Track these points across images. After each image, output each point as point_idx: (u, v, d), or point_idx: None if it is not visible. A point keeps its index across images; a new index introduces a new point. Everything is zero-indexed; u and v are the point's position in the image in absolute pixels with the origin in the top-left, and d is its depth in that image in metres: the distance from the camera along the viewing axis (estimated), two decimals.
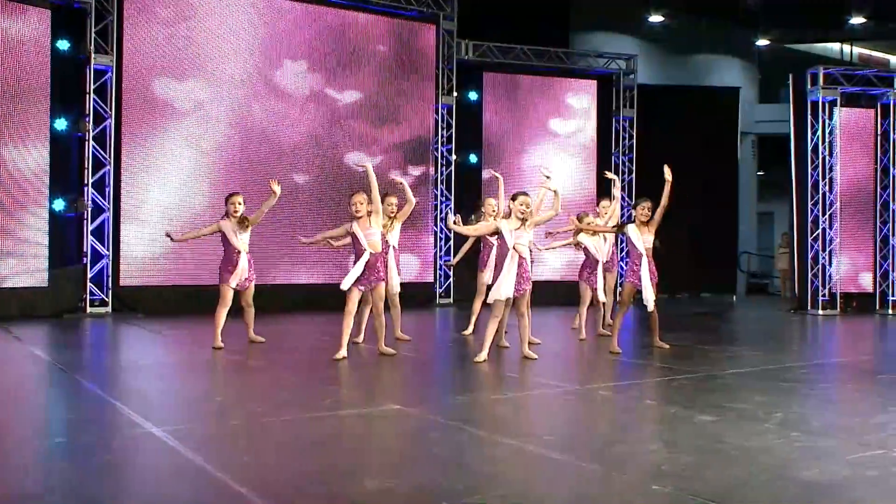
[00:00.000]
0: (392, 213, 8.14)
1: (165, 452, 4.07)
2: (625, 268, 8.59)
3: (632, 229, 7.72)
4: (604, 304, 9.23)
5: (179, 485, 3.55)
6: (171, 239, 8.11)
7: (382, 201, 7.61)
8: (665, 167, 7.71)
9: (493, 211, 8.64)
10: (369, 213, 7.11)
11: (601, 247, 8.97)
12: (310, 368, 6.78)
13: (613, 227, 8.64)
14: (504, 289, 6.92)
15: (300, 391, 5.85)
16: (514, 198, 7.18)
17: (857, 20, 23.08)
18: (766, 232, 25.05)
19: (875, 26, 23.98)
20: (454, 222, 7.58)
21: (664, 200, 7.73)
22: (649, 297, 7.64)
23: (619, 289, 8.73)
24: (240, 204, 7.88)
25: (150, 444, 4.23)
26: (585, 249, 9.05)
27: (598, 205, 9.86)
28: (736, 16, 22.29)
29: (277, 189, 7.79)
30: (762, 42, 24.69)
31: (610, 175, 9.25)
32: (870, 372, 7.26)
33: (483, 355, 6.96)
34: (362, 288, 7.11)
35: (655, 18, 21.54)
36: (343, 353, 7.00)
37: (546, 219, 7.45)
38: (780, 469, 3.86)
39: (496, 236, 7.28)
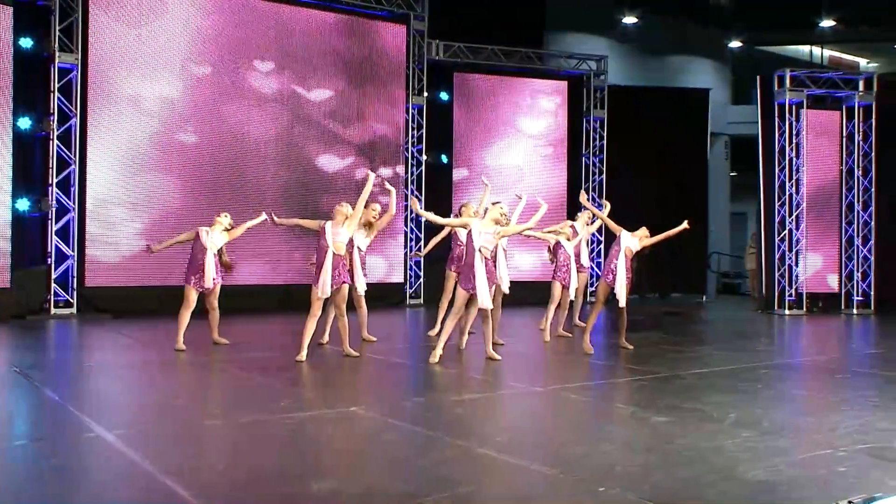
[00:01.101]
0: (375, 218, 8.18)
1: (113, 456, 4.02)
2: (600, 268, 8.67)
3: (625, 237, 7.91)
4: (572, 303, 9.33)
5: (123, 489, 3.52)
6: (151, 250, 8.16)
7: (365, 208, 7.70)
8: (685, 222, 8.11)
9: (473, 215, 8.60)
10: (346, 218, 7.17)
11: (575, 247, 9.09)
12: (272, 370, 6.72)
13: (597, 225, 8.92)
14: (485, 297, 6.96)
15: (259, 393, 5.80)
16: (495, 204, 7.37)
17: (826, 23, 23.36)
18: (739, 232, 25.25)
19: (844, 29, 24.28)
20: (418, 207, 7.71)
21: (661, 237, 8.04)
22: (622, 294, 7.78)
23: (590, 289, 8.83)
24: (226, 216, 8.13)
25: (98, 447, 4.18)
26: (558, 248, 9.06)
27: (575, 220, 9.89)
28: (708, 18, 22.48)
29: (266, 217, 7.82)
30: (734, 44, 24.91)
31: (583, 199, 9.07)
32: (828, 371, 7.34)
33: (437, 355, 6.98)
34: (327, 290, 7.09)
35: (629, 20, 21.67)
36: (304, 355, 6.97)
37: (514, 231, 7.52)
38: (728, 469, 3.89)
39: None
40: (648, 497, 3.42)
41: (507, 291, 8.10)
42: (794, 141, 13.33)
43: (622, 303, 7.83)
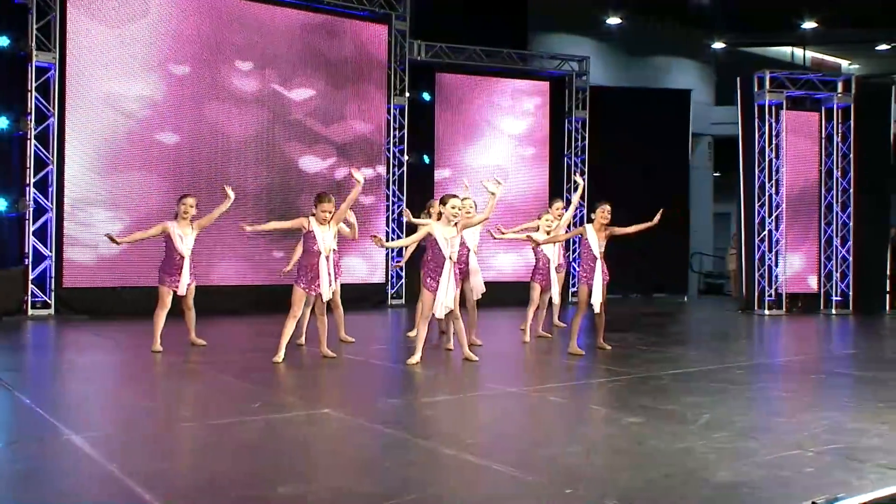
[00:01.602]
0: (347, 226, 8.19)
1: (81, 459, 4.00)
2: (577, 269, 8.66)
3: (590, 231, 7.78)
4: (555, 305, 9.33)
5: (85, 493, 3.49)
6: (114, 241, 7.67)
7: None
8: (658, 214, 8.03)
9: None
10: (331, 215, 7.09)
11: (552, 248, 8.98)
12: (247, 371, 6.70)
13: (571, 232, 8.72)
14: (440, 306, 6.92)
15: (233, 395, 5.78)
16: (443, 201, 7.09)
17: (808, 25, 23.51)
18: (723, 233, 25.37)
19: (826, 31, 24.46)
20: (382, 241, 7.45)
21: (633, 229, 7.95)
22: (597, 299, 7.71)
23: (570, 290, 8.80)
24: (192, 207, 7.77)
25: (66, 451, 4.15)
26: (537, 250, 9.01)
27: (550, 205, 9.66)
28: (692, 19, 22.58)
29: (231, 194, 7.78)
30: (718, 45, 25.03)
31: (578, 179, 9.05)
32: (803, 372, 7.39)
33: (416, 357, 6.97)
34: (312, 293, 7.06)
35: (613, 20, 21.73)
36: (282, 356, 6.95)
37: (477, 222, 7.40)
38: (694, 470, 3.90)
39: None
40: (614, 498, 3.42)
41: (478, 297, 8.13)
42: (773, 142, 13.40)
43: (597, 308, 7.78)
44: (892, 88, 14.04)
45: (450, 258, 6.93)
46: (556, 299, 9.06)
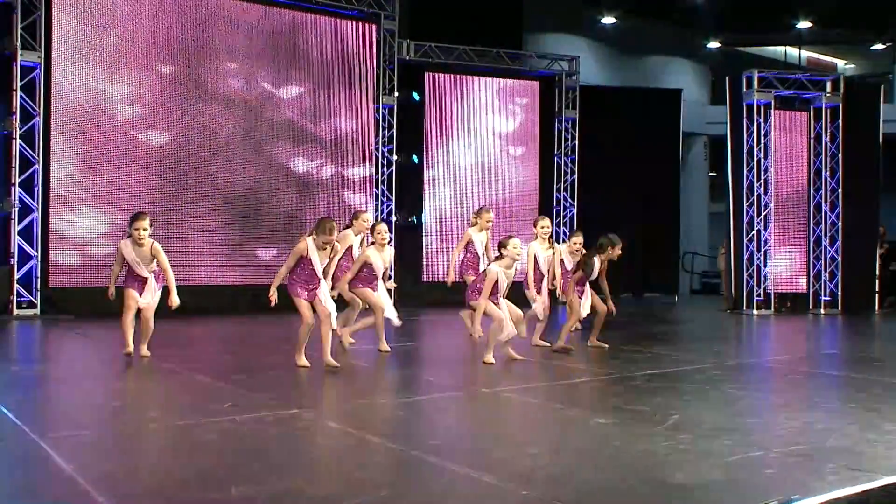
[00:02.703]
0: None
1: (39, 461, 3.99)
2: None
3: (595, 262, 8.03)
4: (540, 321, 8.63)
5: (36, 493, 3.48)
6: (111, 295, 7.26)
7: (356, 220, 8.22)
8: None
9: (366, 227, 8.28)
10: (332, 249, 6.82)
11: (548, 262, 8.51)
12: (229, 372, 6.68)
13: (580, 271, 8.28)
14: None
15: (206, 395, 5.76)
16: (373, 230, 7.58)
17: (803, 25, 23.51)
18: (719, 232, 25.41)
19: (820, 31, 24.46)
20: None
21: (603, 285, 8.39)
22: (585, 310, 8.16)
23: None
24: (144, 230, 6.98)
25: (26, 452, 4.14)
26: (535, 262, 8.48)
27: (569, 239, 8.77)
28: (687, 19, 22.58)
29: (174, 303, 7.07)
30: (713, 45, 25.03)
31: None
32: (781, 372, 7.38)
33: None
34: (312, 297, 6.72)
35: (608, 20, 21.73)
36: (304, 360, 6.74)
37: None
38: (654, 472, 3.89)
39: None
40: (565, 500, 3.42)
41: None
42: (762, 141, 13.39)
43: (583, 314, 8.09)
44: (881, 88, 14.03)
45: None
46: (542, 315, 8.47)
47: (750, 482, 3.78)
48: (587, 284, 8.12)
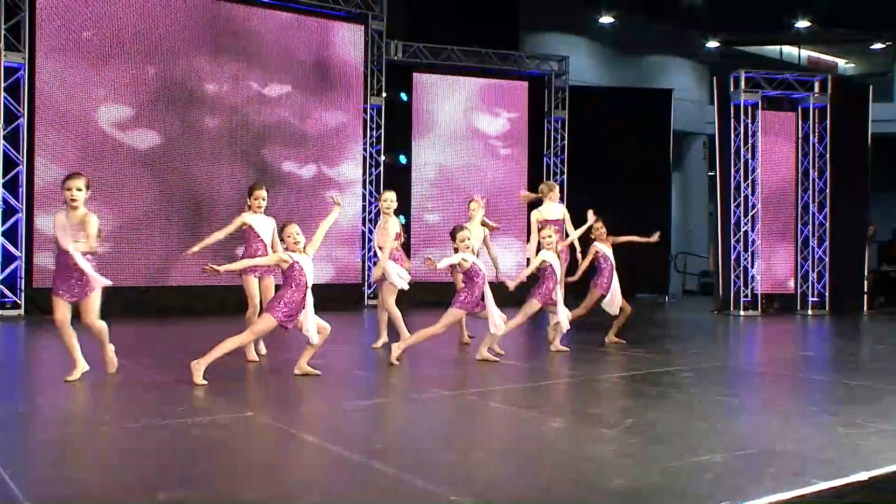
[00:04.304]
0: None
1: None
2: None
3: (600, 245, 8.30)
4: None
5: None
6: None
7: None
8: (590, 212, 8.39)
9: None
10: (303, 245, 6.28)
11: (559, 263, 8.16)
12: (187, 374, 6.65)
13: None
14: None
15: (165, 397, 5.74)
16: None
17: (802, 24, 23.42)
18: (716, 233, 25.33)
19: (819, 30, 24.36)
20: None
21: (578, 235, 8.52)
22: (616, 302, 8.50)
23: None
24: (79, 190, 5.92)
25: None
26: (550, 268, 7.93)
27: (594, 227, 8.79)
28: (686, 18, 22.53)
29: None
30: (712, 44, 24.96)
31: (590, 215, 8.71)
32: (750, 374, 7.35)
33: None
34: (288, 326, 6.24)
35: (606, 19, 21.68)
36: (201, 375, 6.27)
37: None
38: (592, 477, 3.87)
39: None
40: None
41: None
42: (749, 142, 13.36)
43: (615, 311, 8.53)
44: (870, 88, 13.98)
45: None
46: (566, 325, 7.93)
47: (687, 487, 3.74)
48: (614, 275, 8.47)
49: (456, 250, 7.15)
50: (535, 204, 9.13)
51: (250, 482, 3.70)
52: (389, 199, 8.24)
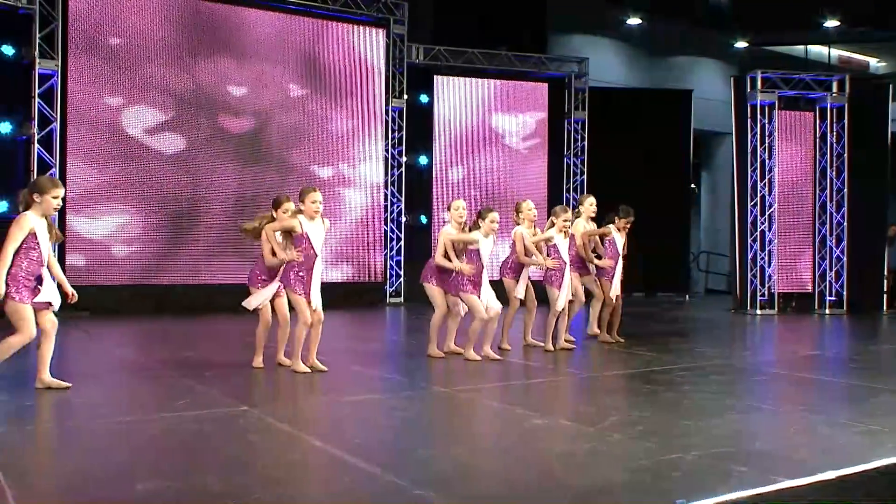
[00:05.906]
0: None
1: None
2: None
3: (614, 231, 8.51)
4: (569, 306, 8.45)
5: None
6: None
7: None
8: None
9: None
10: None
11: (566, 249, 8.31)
12: (203, 369, 6.87)
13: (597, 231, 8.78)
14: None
15: (169, 392, 5.92)
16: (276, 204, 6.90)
17: (830, 23, 23.15)
18: None
19: (848, 29, 24.05)
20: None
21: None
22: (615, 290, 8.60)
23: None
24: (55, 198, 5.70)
25: None
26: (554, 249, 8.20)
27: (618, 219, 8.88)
28: (714, 18, 22.40)
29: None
30: (741, 44, 24.75)
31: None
32: (747, 373, 7.30)
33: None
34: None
35: (634, 21, 21.64)
36: (302, 365, 6.67)
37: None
38: (561, 475, 3.96)
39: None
40: (463, 501, 3.55)
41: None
42: (766, 142, 13.36)
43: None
44: (889, 87, 13.88)
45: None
46: (582, 297, 8.46)
47: (650, 485, 3.78)
48: (619, 265, 8.65)
49: (472, 229, 7.36)
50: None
51: (228, 475, 3.81)
52: (461, 206, 7.74)
